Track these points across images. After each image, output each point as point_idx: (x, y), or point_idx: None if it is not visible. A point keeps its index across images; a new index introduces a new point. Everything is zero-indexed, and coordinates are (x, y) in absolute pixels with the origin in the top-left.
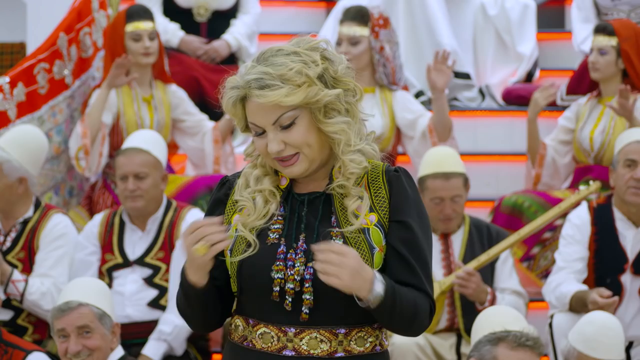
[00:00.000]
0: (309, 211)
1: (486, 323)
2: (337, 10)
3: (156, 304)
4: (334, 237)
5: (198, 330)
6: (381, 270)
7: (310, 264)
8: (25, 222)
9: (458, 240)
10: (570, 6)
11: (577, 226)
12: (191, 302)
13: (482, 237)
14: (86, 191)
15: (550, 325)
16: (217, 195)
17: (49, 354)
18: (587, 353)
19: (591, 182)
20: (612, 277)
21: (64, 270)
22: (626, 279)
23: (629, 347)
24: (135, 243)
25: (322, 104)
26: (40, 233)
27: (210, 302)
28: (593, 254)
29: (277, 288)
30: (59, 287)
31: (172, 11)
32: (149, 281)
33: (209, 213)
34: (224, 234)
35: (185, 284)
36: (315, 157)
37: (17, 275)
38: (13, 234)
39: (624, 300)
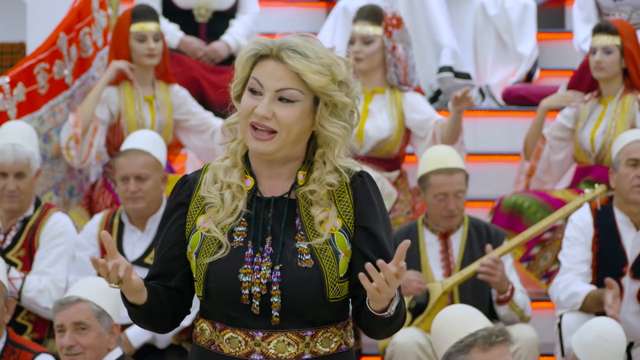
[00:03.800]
0: (274, 214)
1: (446, 327)
2: (337, 10)
3: None
4: (299, 243)
5: (161, 333)
6: (347, 274)
7: (277, 267)
8: (25, 221)
9: (457, 241)
10: (570, 6)
11: (580, 228)
12: (140, 317)
13: (481, 237)
14: (86, 191)
15: (559, 325)
16: (178, 199)
17: (53, 356)
18: (580, 359)
19: (596, 186)
20: (613, 279)
21: (63, 268)
22: (626, 281)
23: (629, 347)
24: (135, 244)
25: (333, 103)
26: (41, 231)
27: (160, 309)
28: (595, 256)
29: (247, 291)
30: (58, 284)
31: (171, 12)
32: None
33: (167, 216)
34: (114, 271)
35: (126, 306)
36: (286, 145)
37: (14, 272)
38: (13, 232)
39: (623, 302)
